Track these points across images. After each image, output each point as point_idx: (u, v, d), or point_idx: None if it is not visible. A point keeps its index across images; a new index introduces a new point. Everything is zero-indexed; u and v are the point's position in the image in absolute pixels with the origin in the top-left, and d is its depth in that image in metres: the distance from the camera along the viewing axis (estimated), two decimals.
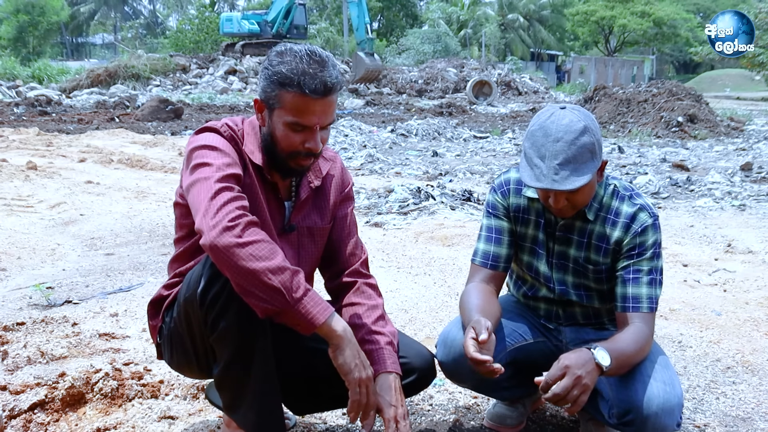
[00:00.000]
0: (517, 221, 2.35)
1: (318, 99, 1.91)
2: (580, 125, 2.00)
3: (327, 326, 1.86)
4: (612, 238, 2.20)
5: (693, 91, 16.89)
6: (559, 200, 2.09)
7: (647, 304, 2.13)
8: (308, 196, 2.19)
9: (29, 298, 3.92)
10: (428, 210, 6.69)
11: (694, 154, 11.83)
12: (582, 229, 2.24)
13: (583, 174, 1.99)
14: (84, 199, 7.10)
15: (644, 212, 2.18)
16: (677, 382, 2.07)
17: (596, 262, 2.24)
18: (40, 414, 2.46)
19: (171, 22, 64.60)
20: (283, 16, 30.75)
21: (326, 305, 1.86)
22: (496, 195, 2.37)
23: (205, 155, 1.95)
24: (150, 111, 16.71)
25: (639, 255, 2.16)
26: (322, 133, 2.00)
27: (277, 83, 1.92)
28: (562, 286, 2.33)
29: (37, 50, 49.19)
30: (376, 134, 14.24)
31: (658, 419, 2.00)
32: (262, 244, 1.78)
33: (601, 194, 2.21)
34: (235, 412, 1.99)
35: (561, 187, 1.99)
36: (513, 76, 32.85)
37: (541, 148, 2.02)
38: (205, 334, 1.91)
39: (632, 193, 2.23)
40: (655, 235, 2.17)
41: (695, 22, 49.45)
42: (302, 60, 1.90)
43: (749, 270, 4.76)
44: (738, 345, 3.38)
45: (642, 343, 2.07)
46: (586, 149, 2.00)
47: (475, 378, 2.28)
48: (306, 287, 1.83)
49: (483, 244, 2.37)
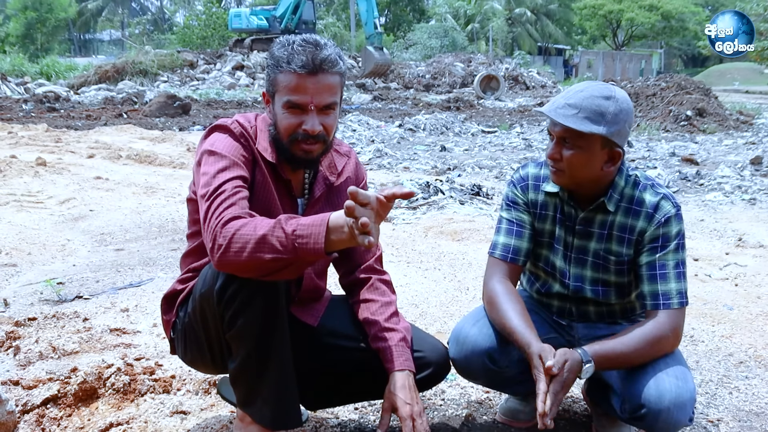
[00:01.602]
0: (536, 217, 2.33)
1: (309, 76, 1.91)
2: (609, 92, 2.05)
3: (332, 244, 1.72)
4: (636, 229, 2.18)
5: (701, 84, 16.84)
6: (554, 149, 2.11)
7: (678, 300, 2.12)
8: (322, 193, 2.18)
9: (40, 294, 3.93)
10: (437, 205, 6.68)
11: (703, 148, 11.77)
12: (603, 222, 2.22)
13: (579, 122, 2.02)
14: (93, 195, 7.12)
15: (667, 202, 2.16)
16: (690, 376, 2.06)
17: (618, 253, 2.22)
18: (52, 409, 2.47)
19: (178, 18, 64.69)
20: (291, 12, 30.72)
21: (317, 227, 1.72)
22: (515, 189, 2.36)
23: (205, 163, 1.97)
24: (158, 107, 16.72)
25: (663, 248, 2.14)
26: (324, 119, 1.98)
27: (273, 67, 1.96)
28: (578, 282, 2.31)
29: (45, 47, 49.33)
30: (384, 129, 14.22)
31: (671, 414, 1.99)
32: (237, 235, 1.75)
33: (621, 185, 2.19)
34: (250, 407, 1.98)
35: (553, 115, 2.05)
36: (520, 70, 32.74)
37: (567, 92, 2.11)
38: (221, 330, 1.91)
39: (653, 183, 2.22)
40: (678, 226, 2.15)
41: (703, 16, 49.24)
42: (295, 42, 1.94)
43: (760, 264, 4.74)
44: (750, 339, 3.36)
45: (652, 343, 2.06)
46: (599, 109, 2.02)
47: (488, 375, 2.28)
48: (291, 231, 1.72)
49: (503, 236, 2.34)
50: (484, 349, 2.21)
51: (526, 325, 2.11)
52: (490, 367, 2.23)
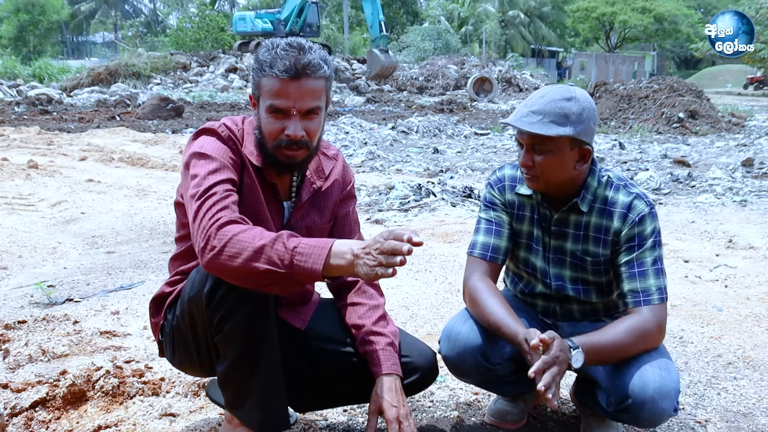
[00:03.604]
0: (513, 218, 2.36)
1: (291, 80, 1.90)
2: (569, 94, 2.09)
3: (329, 268, 1.73)
4: (610, 229, 2.20)
5: (694, 87, 16.88)
6: (525, 157, 2.14)
7: (657, 296, 2.13)
8: (308, 197, 2.18)
9: (30, 297, 3.92)
10: (429, 207, 6.68)
11: (695, 150, 11.81)
12: (577, 222, 2.25)
13: (546, 127, 2.05)
14: (85, 198, 7.10)
15: (640, 201, 2.19)
16: (673, 367, 2.10)
17: (595, 253, 2.24)
18: (41, 412, 2.46)
19: (171, 21, 64.60)
20: (296, 15, 30.75)
21: (320, 249, 1.73)
22: (493, 190, 2.39)
23: (194, 165, 1.96)
24: (151, 109, 16.69)
25: (639, 246, 2.16)
26: (307, 124, 1.97)
27: (257, 70, 1.96)
28: (559, 282, 2.33)
29: (38, 49, 49.24)
30: (377, 131, 14.23)
31: (655, 404, 2.02)
32: (234, 240, 1.75)
33: (594, 186, 2.22)
34: (239, 410, 1.99)
35: (520, 125, 2.08)
36: (514, 72, 32.82)
37: (528, 100, 2.13)
38: (210, 333, 1.91)
39: (626, 183, 2.25)
40: (653, 224, 2.17)
41: (696, 18, 49.48)
42: (279, 46, 1.93)
43: (750, 266, 4.75)
44: (739, 341, 3.37)
45: (637, 335, 2.07)
46: (563, 111, 2.05)
47: (479, 373, 2.29)
48: (291, 247, 1.73)
49: (482, 236, 2.37)
50: (477, 346, 2.22)
51: (510, 316, 2.13)
52: (482, 364, 2.25)
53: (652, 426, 2.13)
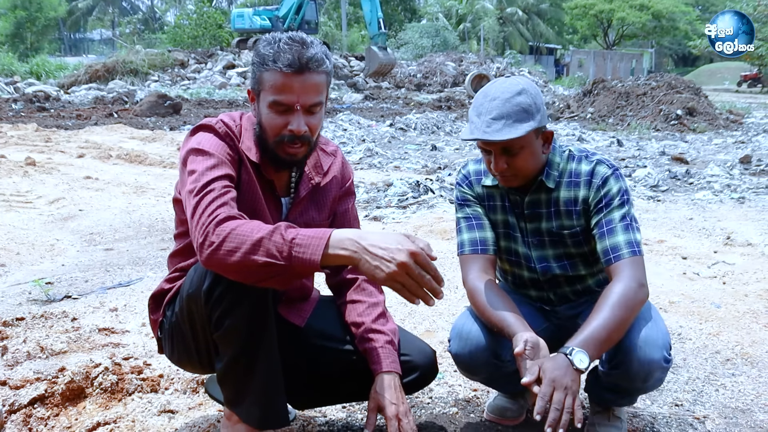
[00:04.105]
0: (487, 209, 2.38)
1: (295, 75, 1.89)
2: (518, 87, 2.08)
3: (328, 257, 1.72)
4: (579, 198, 2.22)
5: (692, 84, 16.90)
6: (498, 162, 2.13)
7: (628, 249, 2.11)
8: (307, 193, 2.17)
9: (28, 294, 3.92)
10: (427, 204, 6.69)
11: (693, 147, 11.82)
12: (547, 200, 2.26)
13: (515, 129, 2.04)
14: (83, 195, 7.10)
15: (602, 165, 2.21)
16: (659, 320, 2.15)
17: (570, 226, 2.25)
18: (40, 409, 2.46)
19: (169, 17, 64.49)
20: (294, 12, 30.71)
21: (318, 239, 1.72)
22: (462, 188, 2.41)
23: (192, 161, 1.94)
24: (148, 106, 16.67)
25: (607, 206, 2.17)
26: (309, 119, 1.96)
27: (258, 65, 1.93)
28: (543, 263, 2.34)
29: (35, 46, 49.12)
30: (375, 128, 14.23)
31: (642, 351, 2.04)
32: (232, 235, 1.73)
33: (557, 161, 2.25)
34: (238, 407, 1.99)
35: (490, 137, 2.05)
36: (512, 69, 32.79)
37: (480, 107, 2.10)
38: (209, 330, 1.90)
39: (587, 153, 2.27)
40: (618, 184, 2.18)
41: (694, 15, 49.49)
42: (281, 40, 1.91)
43: (748, 262, 4.76)
44: (737, 337, 3.38)
45: (624, 304, 2.01)
46: (521, 107, 2.05)
47: (490, 370, 2.29)
48: (290, 239, 1.72)
49: (466, 233, 2.36)
50: (489, 344, 2.23)
51: (511, 314, 2.12)
52: (493, 362, 2.25)
53: (645, 382, 2.11)
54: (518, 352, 1.96)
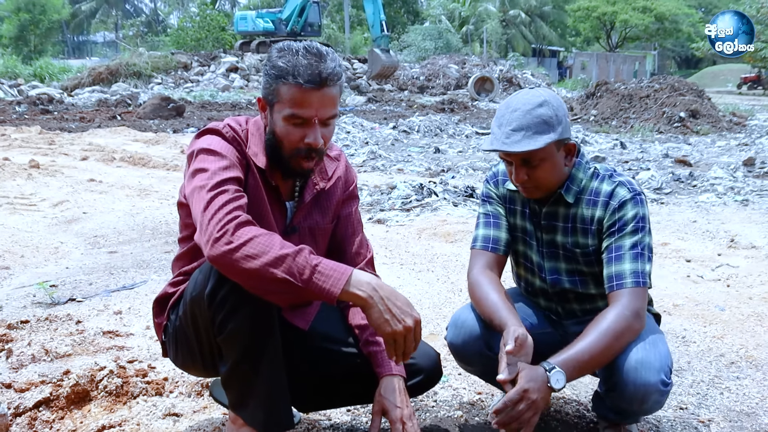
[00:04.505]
0: (508, 212, 2.40)
1: (314, 90, 1.89)
2: (539, 99, 2.09)
3: (345, 294, 1.78)
4: (594, 218, 2.21)
5: (695, 86, 16.89)
6: (518, 173, 2.14)
7: (632, 279, 2.09)
8: (311, 198, 2.18)
9: (33, 297, 3.92)
10: (431, 206, 6.69)
11: (696, 150, 11.80)
12: (565, 215, 2.26)
13: (534, 141, 2.04)
14: (87, 197, 7.11)
15: (623, 188, 2.18)
16: (660, 342, 2.10)
17: (584, 245, 2.25)
18: (45, 412, 2.46)
19: (172, 20, 64.57)
20: (297, 14, 30.74)
21: (340, 273, 1.79)
22: (489, 185, 2.45)
23: (202, 160, 1.94)
24: (152, 109, 16.69)
25: (619, 231, 2.15)
26: (324, 130, 1.97)
27: (275, 77, 1.92)
28: (554, 275, 2.34)
29: (39, 49, 49.18)
30: (378, 131, 14.22)
31: (638, 374, 2.01)
32: (255, 241, 1.75)
33: (580, 177, 2.24)
34: (243, 410, 1.99)
35: (509, 148, 2.06)
36: (515, 72, 32.79)
37: (501, 118, 2.11)
38: (212, 333, 1.90)
39: (612, 173, 2.25)
40: (635, 209, 2.15)
41: (697, 18, 49.40)
42: (298, 53, 1.90)
43: (752, 265, 4.75)
44: (742, 340, 3.38)
45: (615, 335, 2.01)
46: (541, 119, 2.06)
47: (482, 363, 2.31)
48: (313, 264, 1.77)
49: (482, 229, 2.41)
50: (481, 334, 2.26)
51: (505, 308, 2.14)
52: (485, 353, 2.26)
53: (642, 404, 2.08)
54: (509, 350, 1.97)
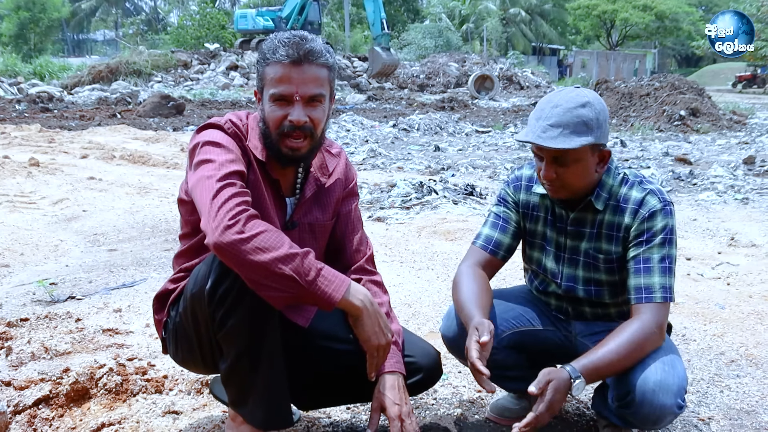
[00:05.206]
0: (527, 218, 2.37)
1: (294, 66, 1.93)
2: (583, 99, 2.05)
3: (344, 301, 1.88)
4: (622, 225, 2.18)
5: (695, 84, 16.86)
6: (548, 170, 2.11)
7: (660, 294, 2.09)
8: (312, 194, 2.18)
9: (33, 294, 3.92)
10: (431, 204, 6.68)
11: (696, 148, 11.80)
12: (593, 221, 2.24)
13: (569, 140, 2.02)
14: (86, 195, 7.11)
15: (653, 197, 2.15)
16: (679, 363, 2.07)
17: (607, 251, 2.22)
18: (44, 409, 2.46)
19: (172, 18, 64.53)
20: (297, 13, 30.72)
21: (341, 280, 1.88)
22: (508, 188, 2.42)
23: (208, 152, 1.95)
24: (152, 107, 16.69)
25: (648, 242, 2.13)
26: (310, 111, 1.98)
27: (260, 62, 2.00)
28: (570, 282, 2.32)
29: (39, 47, 49.18)
30: (378, 129, 14.22)
31: (655, 396, 1.99)
32: (265, 235, 1.77)
33: (609, 183, 2.21)
34: (242, 408, 1.98)
35: (543, 143, 2.03)
36: (515, 70, 32.80)
37: (540, 111, 2.08)
38: (212, 330, 1.90)
39: (643, 179, 2.22)
40: (665, 221, 2.13)
41: (697, 16, 49.38)
42: (282, 36, 1.97)
43: (753, 263, 4.75)
44: (742, 338, 3.37)
45: (638, 345, 2.03)
46: (581, 120, 2.03)
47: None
48: (318, 267, 1.83)
49: (488, 228, 2.41)
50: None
51: (475, 302, 2.16)
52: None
53: (655, 425, 2.08)
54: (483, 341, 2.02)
